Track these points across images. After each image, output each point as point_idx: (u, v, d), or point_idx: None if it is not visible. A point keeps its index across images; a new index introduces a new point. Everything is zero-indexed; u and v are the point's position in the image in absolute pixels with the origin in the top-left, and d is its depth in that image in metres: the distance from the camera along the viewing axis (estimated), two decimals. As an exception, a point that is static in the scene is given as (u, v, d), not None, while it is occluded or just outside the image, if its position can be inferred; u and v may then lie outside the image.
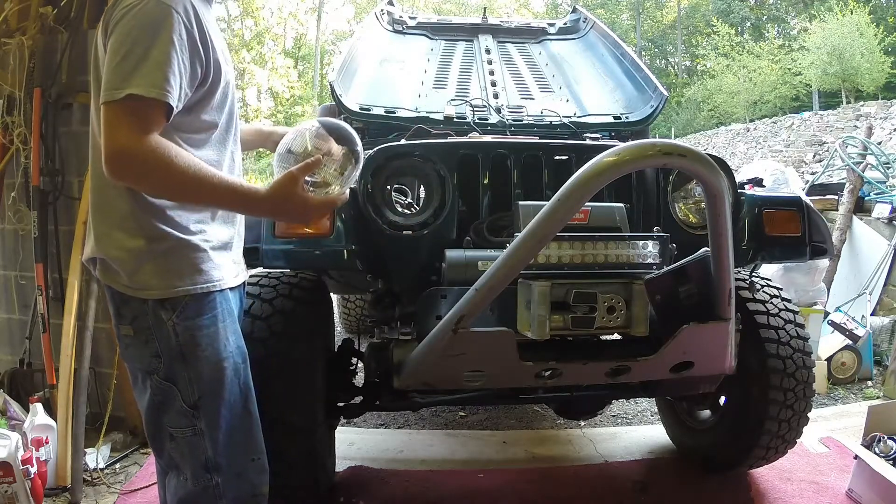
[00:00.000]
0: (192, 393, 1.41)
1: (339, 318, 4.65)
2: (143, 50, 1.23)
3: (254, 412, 1.54)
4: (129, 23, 1.25)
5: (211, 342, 1.43)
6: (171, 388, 1.41)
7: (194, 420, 1.42)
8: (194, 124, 1.38)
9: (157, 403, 1.44)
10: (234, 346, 1.49)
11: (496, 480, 2.56)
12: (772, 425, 2.23)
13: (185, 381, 1.41)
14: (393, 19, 3.95)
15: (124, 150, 1.22)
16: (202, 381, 1.42)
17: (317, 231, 1.87)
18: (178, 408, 1.42)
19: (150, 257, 1.36)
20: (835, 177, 6.16)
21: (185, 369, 1.41)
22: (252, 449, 1.53)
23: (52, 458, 2.43)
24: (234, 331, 1.50)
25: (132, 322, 1.42)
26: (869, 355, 4.07)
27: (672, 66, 38.93)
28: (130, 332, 1.43)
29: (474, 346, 1.65)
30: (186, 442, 1.44)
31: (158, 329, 1.39)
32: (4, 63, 2.88)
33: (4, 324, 3.14)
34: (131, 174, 1.26)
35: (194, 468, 1.45)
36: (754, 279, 2.38)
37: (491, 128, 2.95)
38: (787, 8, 33.99)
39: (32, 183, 2.80)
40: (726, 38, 28.87)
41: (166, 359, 1.40)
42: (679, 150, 1.37)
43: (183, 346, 1.40)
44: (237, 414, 1.48)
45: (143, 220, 1.35)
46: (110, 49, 1.26)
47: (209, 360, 1.42)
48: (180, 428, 1.43)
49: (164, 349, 1.40)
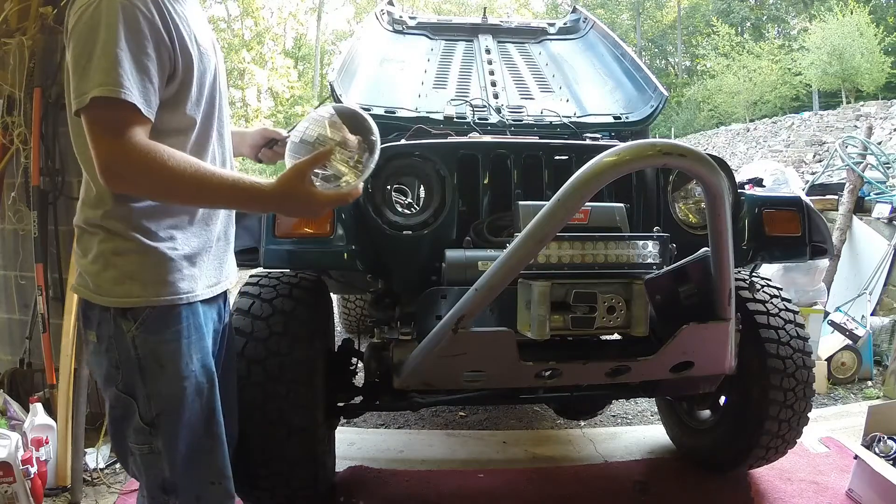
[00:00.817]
0: (150, 410, 1.33)
1: (339, 318, 4.64)
2: (95, 49, 1.17)
3: (218, 435, 1.43)
4: (80, 27, 1.21)
5: (172, 358, 1.33)
6: (129, 401, 1.33)
7: (151, 438, 1.34)
8: (167, 124, 1.28)
9: (117, 416, 1.37)
10: (199, 364, 1.38)
11: (496, 480, 2.56)
12: (772, 425, 2.23)
13: (143, 397, 1.33)
14: (393, 19, 3.95)
15: (108, 157, 1.17)
16: (160, 398, 1.33)
17: (317, 231, 1.87)
18: (135, 423, 1.34)
19: (113, 262, 1.29)
20: (835, 177, 6.16)
21: (143, 384, 1.32)
22: (213, 473, 1.43)
23: (52, 458, 2.43)
24: (200, 348, 1.39)
25: (96, 328, 1.34)
26: (869, 355, 4.08)
27: (672, 66, 38.93)
28: (94, 337, 1.36)
29: (474, 346, 1.65)
30: (144, 459, 1.36)
31: (118, 339, 1.31)
32: (4, 63, 2.88)
33: (4, 324, 3.14)
34: (124, 181, 1.20)
35: (151, 488, 1.38)
36: (754, 279, 2.38)
37: (491, 128, 2.95)
38: (787, 8, 34.01)
39: (32, 183, 2.80)
40: (726, 38, 28.88)
41: (125, 371, 1.32)
42: (679, 150, 1.37)
43: (142, 360, 1.31)
44: (198, 436, 1.38)
45: (109, 223, 1.29)
46: (69, 57, 1.23)
47: (169, 377, 1.32)
48: (138, 445, 1.35)
49: (124, 361, 1.32)
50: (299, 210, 1.36)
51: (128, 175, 1.19)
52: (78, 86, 1.19)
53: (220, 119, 1.44)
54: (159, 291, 1.30)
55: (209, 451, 1.41)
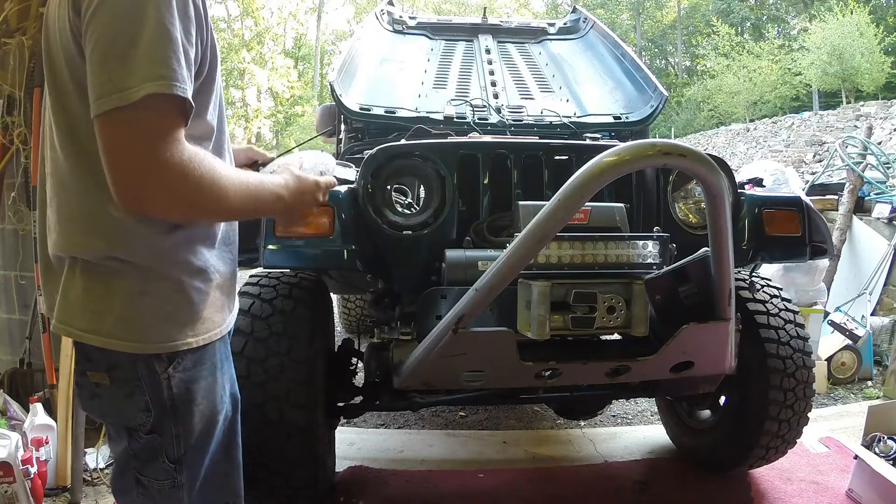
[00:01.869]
0: (178, 448, 1.20)
1: (339, 318, 4.65)
2: (143, 30, 0.91)
3: (235, 458, 1.35)
4: (113, 2, 0.92)
5: (207, 395, 1.21)
6: (155, 440, 1.18)
7: (175, 474, 1.21)
8: (190, 130, 1.00)
9: (133, 455, 1.21)
10: (229, 394, 1.28)
11: (496, 480, 2.56)
12: (772, 425, 2.23)
13: (171, 437, 1.18)
14: (393, 19, 3.95)
15: (152, 169, 0.92)
16: (192, 436, 1.20)
17: (317, 231, 1.87)
18: (159, 463, 1.20)
19: (140, 304, 1.08)
20: (835, 177, 6.16)
21: (174, 425, 1.18)
22: (228, 493, 1.35)
23: (52, 458, 2.43)
24: (230, 377, 1.29)
25: (109, 370, 1.13)
26: (869, 355, 4.08)
27: (672, 66, 38.92)
28: (105, 380, 1.14)
29: (474, 346, 1.65)
30: (162, 493, 1.22)
31: (150, 381, 1.13)
32: (4, 63, 2.88)
33: (4, 324, 3.14)
34: (167, 199, 0.95)
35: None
36: (754, 279, 2.38)
37: (491, 128, 2.95)
38: (787, 8, 33.99)
39: (32, 183, 2.79)
40: (726, 38, 28.86)
41: (156, 413, 1.15)
42: (679, 150, 1.37)
43: (175, 401, 1.16)
44: (217, 461, 1.29)
45: (136, 257, 1.06)
46: (93, 39, 0.92)
47: (203, 414, 1.20)
48: (157, 480, 1.21)
49: (155, 403, 1.14)
50: (306, 194, 1.23)
51: (173, 191, 0.95)
52: (114, 77, 0.90)
53: (224, 126, 1.26)
54: (197, 330, 1.14)
55: (225, 474, 1.33)
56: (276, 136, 30.12)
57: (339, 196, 1.91)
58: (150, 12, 0.91)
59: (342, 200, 1.90)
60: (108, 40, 0.91)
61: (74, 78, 0.99)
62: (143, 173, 0.92)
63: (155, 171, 0.92)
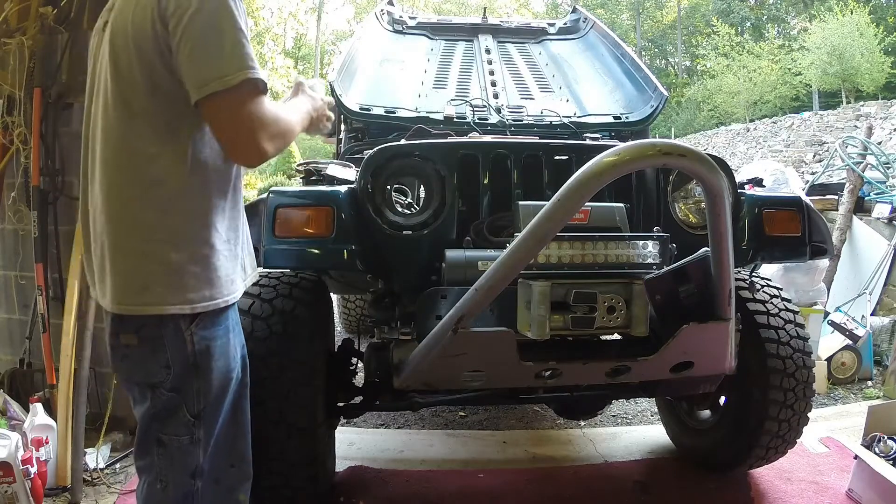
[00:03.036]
0: (199, 403, 1.38)
1: (339, 318, 4.65)
2: (225, 32, 1.25)
3: (242, 420, 1.50)
4: (198, 13, 1.23)
5: (223, 353, 1.40)
6: (175, 398, 1.36)
7: (194, 429, 1.38)
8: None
9: (155, 413, 1.38)
10: (240, 355, 1.48)
11: (496, 480, 2.56)
12: (772, 425, 2.23)
13: (192, 393, 1.37)
14: (393, 19, 3.95)
15: (262, 128, 1.27)
16: (211, 392, 1.39)
17: (317, 231, 1.87)
18: (180, 418, 1.37)
19: (188, 271, 1.32)
20: (835, 177, 6.16)
21: (195, 381, 1.36)
22: (233, 456, 1.49)
23: (52, 458, 2.43)
24: (240, 342, 1.49)
25: (137, 331, 1.34)
26: (869, 355, 4.08)
27: (672, 66, 38.93)
28: (134, 340, 1.35)
29: (474, 346, 1.65)
30: (181, 450, 1.39)
31: (172, 339, 1.33)
32: (4, 63, 2.88)
33: (4, 324, 3.14)
34: (272, 145, 1.30)
35: (181, 475, 1.40)
36: (754, 279, 2.38)
37: (491, 128, 2.95)
38: (787, 8, 34.00)
39: (32, 183, 2.79)
40: (726, 38, 28.86)
41: (177, 369, 1.35)
42: (679, 150, 1.37)
43: (198, 357, 1.35)
44: (226, 421, 1.45)
45: (188, 228, 1.32)
46: (190, 39, 1.23)
47: (220, 370, 1.40)
48: (178, 436, 1.38)
49: (176, 360, 1.34)
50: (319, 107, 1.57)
51: (275, 137, 1.31)
52: (213, 70, 1.23)
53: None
54: (223, 292, 1.37)
55: (233, 435, 1.48)
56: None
57: (339, 196, 1.91)
58: (228, 22, 1.25)
59: (342, 200, 1.90)
60: (201, 45, 1.24)
61: (146, 75, 1.28)
62: (254, 132, 1.27)
63: (260, 129, 1.27)
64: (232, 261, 1.41)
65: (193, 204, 1.33)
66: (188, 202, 1.32)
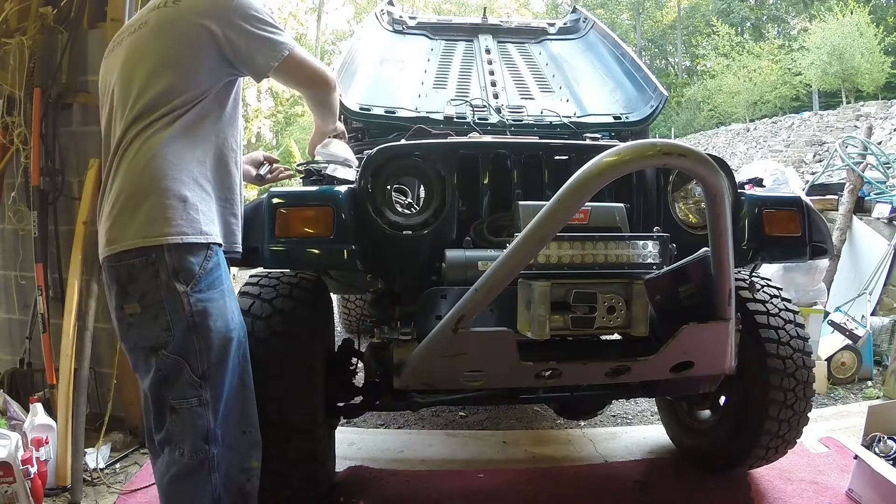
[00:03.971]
0: (202, 363, 1.49)
1: (339, 318, 4.65)
2: (266, 20, 1.68)
3: (249, 386, 1.61)
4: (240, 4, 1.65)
5: (220, 314, 1.53)
6: (178, 360, 1.49)
7: (201, 390, 1.50)
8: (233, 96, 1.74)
9: (161, 378, 1.50)
10: (238, 319, 1.61)
11: (496, 480, 2.56)
12: (772, 425, 2.23)
13: (194, 352, 1.49)
14: (393, 19, 3.95)
15: (322, 75, 1.86)
16: (212, 351, 1.50)
17: (317, 231, 1.87)
18: (185, 379, 1.49)
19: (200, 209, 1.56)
20: (835, 177, 6.16)
21: (196, 340, 1.49)
22: (244, 422, 1.59)
23: (52, 458, 2.43)
24: (236, 306, 1.63)
25: (140, 299, 1.49)
26: (869, 355, 4.08)
27: (672, 66, 38.93)
28: (137, 309, 1.50)
29: (474, 346, 1.65)
30: (191, 413, 1.50)
31: (171, 301, 1.47)
32: (4, 63, 2.88)
33: (4, 324, 3.14)
34: (326, 81, 1.88)
35: (194, 440, 1.50)
36: (754, 279, 2.38)
37: (491, 128, 2.94)
38: (787, 8, 34.01)
39: (32, 183, 2.79)
40: (726, 38, 28.87)
41: (177, 330, 1.48)
42: (679, 150, 1.37)
43: (196, 317, 1.48)
44: (235, 386, 1.55)
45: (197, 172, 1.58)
46: (241, 28, 1.63)
47: (219, 330, 1.52)
48: (186, 399, 1.50)
49: (176, 321, 1.48)
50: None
51: (327, 75, 1.89)
52: (274, 45, 1.69)
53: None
54: (203, 231, 1.57)
55: (243, 400, 1.59)
56: (276, 136, 30.09)
57: (339, 196, 1.91)
58: (259, 10, 1.69)
59: (342, 200, 1.90)
60: (252, 28, 1.66)
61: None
62: (318, 73, 1.86)
63: (319, 69, 1.86)
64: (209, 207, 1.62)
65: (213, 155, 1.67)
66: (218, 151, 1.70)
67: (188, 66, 1.61)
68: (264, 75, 1.70)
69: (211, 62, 1.63)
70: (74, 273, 2.69)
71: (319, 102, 1.98)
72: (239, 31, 1.63)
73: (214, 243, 1.60)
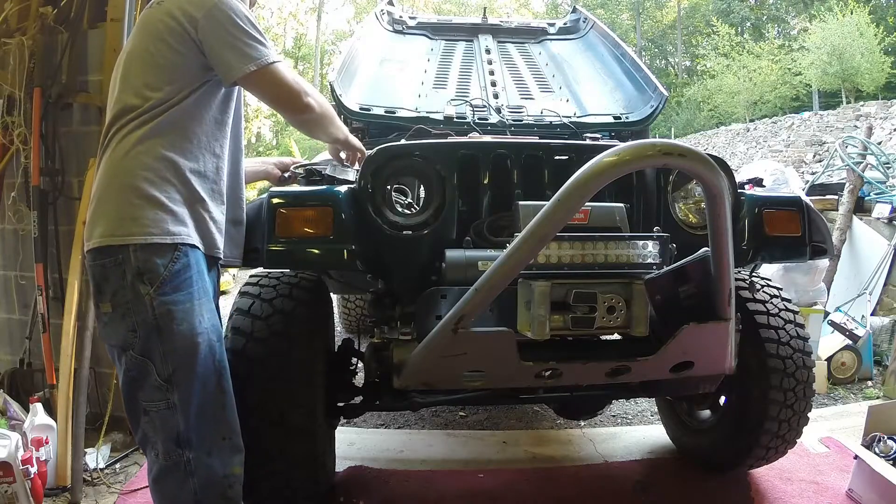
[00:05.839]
0: (167, 366, 1.49)
1: (339, 318, 4.64)
2: (247, 28, 1.63)
3: (227, 391, 1.59)
4: (217, 13, 1.60)
5: (186, 317, 1.50)
6: (145, 362, 1.49)
7: (167, 394, 1.49)
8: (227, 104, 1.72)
9: (131, 379, 1.51)
10: (209, 323, 1.57)
11: (496, 480, 2.56)
12: (772, 425, 2.23)
13: (159, 355, 1.48)
14: (393, 19, 3.95)
15: (299, 89, 1.71)
16: (176, 354, 1.49)
17: (317, 231, 1.87)
18: (152, 382, 1.49)
19: (174, 209, 1.54)
20: (835, 177, 6.16)
21: (160, 343, 1.48)
22: (224, 428, 1.57)
23: (52, 458, 2.43)
24: (209, 309, 1.59)
25: (111, 298, 1.50)
26: (869, 355, 4.08)
27: (672, 66, 38.91)
28: (109, 308, 1.51)
29: (474, 346, 1.65)
30: (159, 416, 1.50)
31: (136, 303, 1.48)
32: (4, 63, 2.88)
33: (4, 324, 3.14)
34: (305, 102, 1.72)
35: (166, 443, 1.50)
36: (754, 279, 2.38)
37: (491, 128, 2.95)
38: (787, 8, 33.98)
39: (32, 183, 2.80)
40: (726, 38, 28.84)
41: (142, 332, 1.48)
42: (679, 150, 1.37)
43: (159, 320, 1.48)
44: (210, 391, 1.53)
45: (169, 173, 1.56)
46: (218, 32, 1.59)
47: (184, 334, 1.50)
48: (154, 402, 1.50)
49: (141, 323, 1.48)
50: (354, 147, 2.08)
51: (308, 94, 1.73)
52: (251, 50, 1.62)
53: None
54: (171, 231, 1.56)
55: (221, 406, 1.57)
56: (276, 136, 30.10)
57: (339, 196, 1.91)
58: (241, 17, 1.64)
59: (342, 200, 1.90)
60: (227, 34, 1.60)
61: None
62: (293, 93, 1.70)
63: (295, 90, 1.70)
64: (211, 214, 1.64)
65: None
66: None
67: (164, 63, 1.60)
68: (234, 78, 1.62)
69: (187, 60, 1.60)
70: (74, 273, 2.69)
71: (300, 124, 1.89)
72: (216, 29, 1.59)
73: (184, 244, 1.57)
